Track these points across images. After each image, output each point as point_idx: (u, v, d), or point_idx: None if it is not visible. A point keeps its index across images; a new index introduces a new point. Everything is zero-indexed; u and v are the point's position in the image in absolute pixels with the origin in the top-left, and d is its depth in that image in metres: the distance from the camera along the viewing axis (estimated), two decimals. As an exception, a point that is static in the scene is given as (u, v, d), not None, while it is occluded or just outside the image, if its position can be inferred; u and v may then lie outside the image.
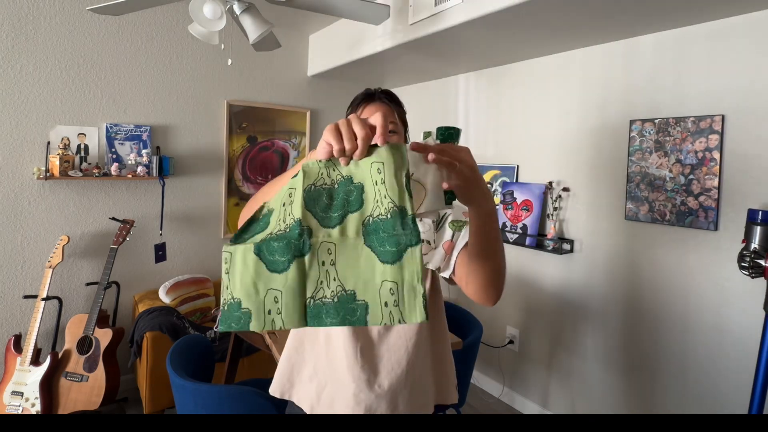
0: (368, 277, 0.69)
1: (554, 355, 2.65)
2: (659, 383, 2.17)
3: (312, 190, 0.72)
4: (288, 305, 0.70)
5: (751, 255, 1.53)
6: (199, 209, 3.12)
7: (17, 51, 2.48)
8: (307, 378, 1.04)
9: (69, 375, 2.34)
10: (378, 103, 1.05)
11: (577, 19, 2.03)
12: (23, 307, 2.58)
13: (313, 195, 0.72)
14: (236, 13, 1.97)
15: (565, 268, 2.57)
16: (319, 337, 1.03)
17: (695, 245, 2.03)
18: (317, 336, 1.03)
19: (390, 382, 0.99)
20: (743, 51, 1.88)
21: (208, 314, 2.84)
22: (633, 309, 2.28)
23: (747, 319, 1.88)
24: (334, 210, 0.71)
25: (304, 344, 1.06)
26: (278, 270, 0.70)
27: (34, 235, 2.58)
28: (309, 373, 1.04)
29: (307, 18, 3.08)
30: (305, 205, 0.71)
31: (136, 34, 2.81)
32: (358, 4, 1.97)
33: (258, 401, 1.48)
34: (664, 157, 2.12)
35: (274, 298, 0.70)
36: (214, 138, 3.15)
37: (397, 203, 0.68)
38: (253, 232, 0.75)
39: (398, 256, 0.68)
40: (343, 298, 0.69)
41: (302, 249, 0.70)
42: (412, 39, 2.39)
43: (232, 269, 0.72)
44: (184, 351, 1.77)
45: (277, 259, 0.71)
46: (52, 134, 2.58)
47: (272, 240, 0.71)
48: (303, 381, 1.05)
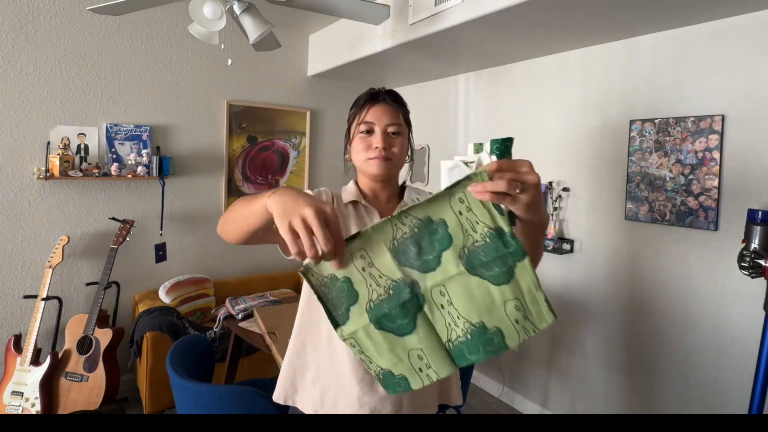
0: (489, 304, 0.69)
1: (554, 355, 2.65)
2: (659, 383, 2.17)
3: (397, 246, 0.71)
4: (432, 357, 0.72)
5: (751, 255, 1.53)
6: (199, 209, 3.12)
7: (17, 51, 2.48)
8: (310, 381, 1.03)
9: (69, 375, 2.34)
10: (382, 105, 1.05)
11: (576, 19, 2.03)
12: (23, 307, 2.58)
13: (400, 249, 0.71)
14: (236, 13, 1.97)
15: (565, 268, 2.57)
16: (322, 339, 1.02)
17: (695, 245, 2.03)
18: (320, 338, 1.02)
19: None
20: (743, 51, 1.88)
21: (208, 314, 2.84)
22: (633, 309, 2.28)
23: (747, 319, 1.87)
24: (426, 254, 0.70)
25: (306, 347, 1.04)
26: (407, 332, 0.72)
27: (34, 235, 2.58)
28: (312, 376, 1.02)
29: (307, 18, 3.08)
30: (398, 262, 0.71)
31: (136, 34, 2.81)
32: (358, 4, 1.97)
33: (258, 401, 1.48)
34: (664, 157, 2.12)
35: (418, 356, 0.73)
36: (214, 138, 3.15)
37: (492, 225, 0.67)
38: (341, 305, 0.73)
39: (510, 275, 0.67)
40: (474, 333, 0.70)
41: (419, 303, 0.71)
42: (412, 39, 2.39)
43: (365, 349, 0.74)
44: (184, 351, 1.77)
45: (400, 323, 0.72)
46: (52, 134, 2.58)
47: (384, 309, 0.72)
48: (306, 385, 1.03)
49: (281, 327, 1.97)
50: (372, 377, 0.97)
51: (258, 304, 2.32)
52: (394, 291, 0.71)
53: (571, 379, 2.56)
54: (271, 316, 2.10)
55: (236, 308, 2.28)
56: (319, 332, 1.02)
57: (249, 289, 3.04)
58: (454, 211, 0.67)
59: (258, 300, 2.40)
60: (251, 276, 3.27)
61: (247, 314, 2.26)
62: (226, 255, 3.24)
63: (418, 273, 0.71)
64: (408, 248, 0.70)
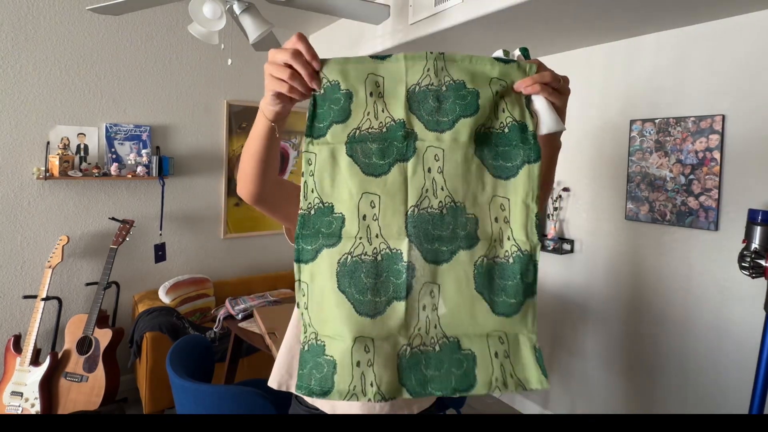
0: (477, 191, 0.64)
1: (554, 355, 2.65)
2: (659, 383, 2.17)
3: (417, 91, 0.65)
4: (386, 213, 0.64)
5: (752, 255, 1.53)
6: (198, 209, 3.11)
7: (17, 51, 2.47)
8: None
9: (69, 375, 2.34)
10: None
11: (577, 18, 2.03)
12: (23, 308, 2.58)
13: (418, 96, 0.65)
14: (236, 13, 1.97)
15: (565, 269, 2.57)
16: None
17: (696, 245, 2.03)
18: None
19: None
20: (744, 51, 1.88)
21: (208, 314, 2.84)
22: (633, 309, 2.27)
23: (747, 319, 1.87)
24: (443, 114, 0.65)
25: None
26: (376, 173, 0.64)
27: (34, 235, 2.58)
28: None
29: (307, 18, 3.08)
30: (409, 106, 0.65)
31: (136, 34, 2.81)
32: (358, 4, 1.97)
33: (258, 401, 1.48)
34: (665, 157, 2.11)
35: (371, 203, 0.64)
36: (214, 138, 3.15)
37: (518, 118, 0.65)
38: (327, 118, 0.67)
39: (515, 171, 0.64)
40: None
41: (405, 153, 0.65)
42: (412, 39, 2.38)
43: (319, 171, 0.66)
44: (184, 351, 1.77)
45: (375, 161, 0.65)
46: (52, 134, 2.58)
47: (367, 140, 0.64)
48: None
49: (281, 327, 1.97)
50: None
51: (258, 305, 2.32)
52: (388, 130, 0.65)
53: (571, 379, 2.56)
54: (271, 316, 2.10)
55: (236, 308, 2.28)
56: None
57: (249, 289, 3.04)
58: (493, 90, 0.65)
59: (258, 300, 2.39)
60: (251, 276, 3.27)
61: (247, 314, 2.26)
62: (226, 255, 3.24)
63: (422, 127, 0.65)
64: (426, 100, 0.65)
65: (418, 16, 2.30)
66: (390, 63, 0.65)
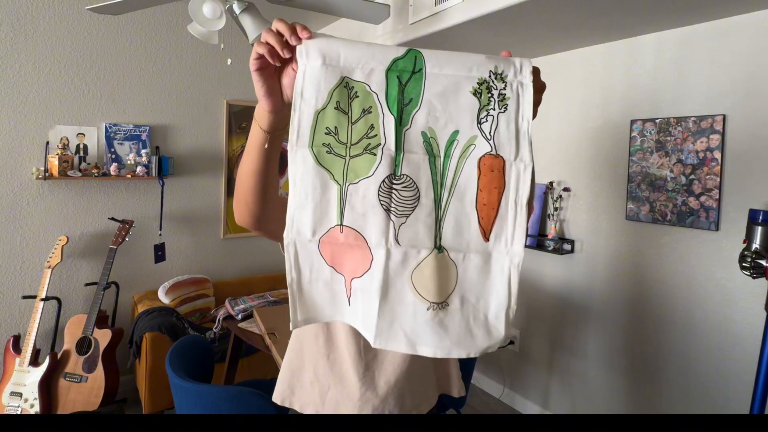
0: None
1: (555, 355, 2.65)
2: (660, 383, 2.17)
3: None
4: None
5: (753, 255, 1.53)
6: (198, 209, 3.11)
7: (16, 50, 2.47)
8: (308, 383, 1.01)
9: (68, 375, 2.33)
10: None
11: (577, 18, 2.03)
12: (22, 308, 2.57)
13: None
14: (236, 13, 1.97)
15: (565, 269, 2.57)
16: (320, 337, 1.01)
17: (696, 245, 2.03)
18: (317, 336, 1.01)
19: (396, 376, 0.98)
20: (744, 51, 1.88)
21: (208, 315, 2.84)
22: (634, 309, 2.27)
23: (748, 319, 1.87)
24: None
25: (303, 348, 1.03)
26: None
27: (33, 236, 2.58)
28: (309, 378, 1.01)
29: (307, 18, 3.08)
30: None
31: (135, 34, 2.80)
32: (358, 4, 1.96)
33: (257, 402, 1.47)
34: (665, 157, 2.11)
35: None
36: (214, 138, 3.14)
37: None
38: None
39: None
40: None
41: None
42: (412, 39, 2.38)
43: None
44: (184, 351, 1.77)
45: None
46: (51, 134, 2.57)
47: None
48: (304, 387, 1.02)
49: (281, 327, 1.97)
50: (373, 373, 0.97)
51: (258, 305, 2.31)
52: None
53: (572, 380, 2.55)
54: (270, 316, 2.10)
55: (236, 309, 2.28)
56: (317, 330, 1.00)
57: (248, 289, 3.03)
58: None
59: (258, 300, 2.39)
60: (251, 276, 3.27)
61: (247, 315, 2.25)
62: (225, 255, 3.23)
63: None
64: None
65: (418, 16, 2.30)
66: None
